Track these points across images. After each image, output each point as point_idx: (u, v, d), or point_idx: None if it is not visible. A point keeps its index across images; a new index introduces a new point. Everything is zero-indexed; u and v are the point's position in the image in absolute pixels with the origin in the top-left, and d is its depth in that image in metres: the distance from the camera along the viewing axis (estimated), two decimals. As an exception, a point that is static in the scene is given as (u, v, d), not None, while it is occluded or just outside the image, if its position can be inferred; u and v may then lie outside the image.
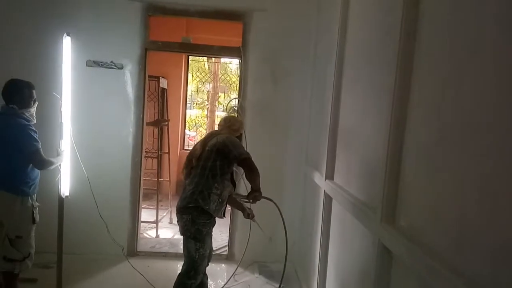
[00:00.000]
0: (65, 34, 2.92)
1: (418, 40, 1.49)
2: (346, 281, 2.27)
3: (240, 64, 3.87)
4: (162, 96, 5.43)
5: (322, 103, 3.13)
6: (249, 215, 2.95)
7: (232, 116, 2.94)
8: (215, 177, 2.54)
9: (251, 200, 2.63)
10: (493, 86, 1.03)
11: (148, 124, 4.51)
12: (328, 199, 2.71)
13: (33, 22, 3.57)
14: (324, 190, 2.76)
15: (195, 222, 2.48)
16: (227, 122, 2.80)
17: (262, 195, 2.66)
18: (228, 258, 4.01)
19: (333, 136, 2.68)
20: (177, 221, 2.61)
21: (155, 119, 5.41)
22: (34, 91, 2.74)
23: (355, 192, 2.14)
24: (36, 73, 3.30)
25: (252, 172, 2.56)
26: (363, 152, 2.09)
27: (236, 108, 3.65)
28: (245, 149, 2.72)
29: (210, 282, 3.56)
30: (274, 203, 2.84)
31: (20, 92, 2.65)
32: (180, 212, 2.54)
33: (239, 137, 2.90)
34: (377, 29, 1.98)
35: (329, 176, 2.71)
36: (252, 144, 3.88)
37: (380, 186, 1.65)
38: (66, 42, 2.92)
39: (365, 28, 2.24)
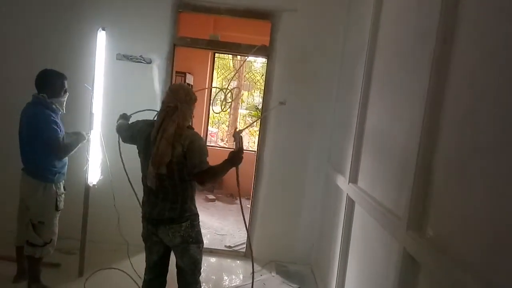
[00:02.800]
0: (100, 28, 2.99)
1: (455, 43, 1.45)
2: (366, 286, 2.24)
3: (267, 62, 3.87)
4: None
5: (348, 105, 3.09)
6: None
7: (185, 85, 2.38)
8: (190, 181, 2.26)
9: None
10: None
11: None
12: (350, 203, 2.67)
13: (70, 14, 3.68)
14: (347, 194, 2.73)
15: (194, 225, 2.28)
16: (187, 98, 2.21)
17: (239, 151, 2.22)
18: (246, 255, 4.02)
19: (358, 139, 2.64)
20: (171, 234, 2.22)
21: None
22: (65, 82, 2.80)
23: (380, 198, 2.11)
24: (69, 65, 3.39)
25: (209, 182, 2.25)
26: (390, 157, 2.05)
27: (283, 102, 3.56)
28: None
29: (225, 277, 3.59)
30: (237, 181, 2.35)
31: (51, 82, 2.72)
32: (176, 221, 2.22)
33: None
34: (412, 31, 1.93)
35: (353, 179, 2.67)
36: (275, 142, 3.88)
37: (408, 193, 1.62)
38: (101, 36, 3.00)
39: (398, 29, 2.19)
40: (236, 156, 2.18)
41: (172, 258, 2.38)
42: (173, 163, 2.14)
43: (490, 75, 1.21)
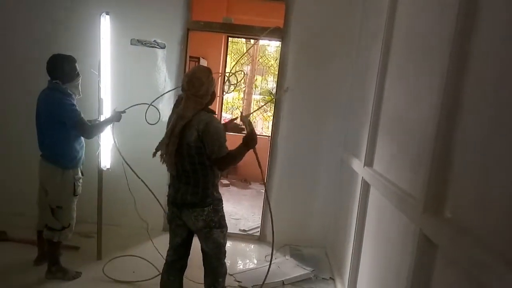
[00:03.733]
0: (103, 13, 2.97)
1: (478, 20, 1.39)
2: (381, 268, 2.24)
3: (281, 46, 3.82)
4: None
5: (364, 88, 3.04)
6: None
7: (194, 71, 2.21)
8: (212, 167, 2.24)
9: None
10: None
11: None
12: (365, 186, 2.65)
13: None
14: (362, 177, 2.70)
15: (217, 210, 2.28)
16: (189, 86, 2.16)
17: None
18: (260, 239, 4.06)
19: (375, 122, 2.60)
20: (188, 218, 2.26)
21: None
22: (76, 65, 2.79)
23: (396, 180, 2.08)
24: (81, 50, 3.39)
25: (229, 166, 2.28)
26: (407, 139, 2.02)
27: (286, 89, 3.53)
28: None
29: (239, 261, 3.64)
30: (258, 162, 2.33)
31: (60, 67, 2.71)
32: (198, 206, 2.23)
33: (213, 98, 2.25)
34: (431, 10, 1.87)
35: (368, 163, 2.64)
36: (290, 127, 3.86)
37: (425, 174, 1.59)
38: (105, 21, 2.97)
39: (417, 8, 2.13)
40: (249, 139, 2.18)
41: (196, 242, 2.39)
42: (192, 148, 2.15)
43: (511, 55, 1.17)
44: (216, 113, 6.65)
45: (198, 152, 2.16)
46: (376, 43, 2.73)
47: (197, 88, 2.15)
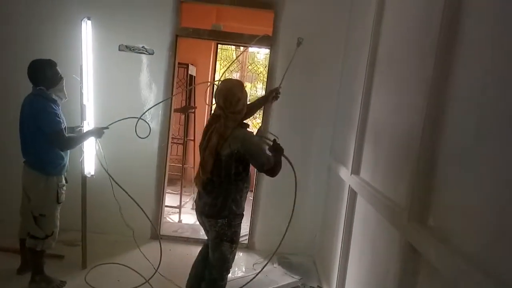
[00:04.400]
0: (85, 19, 2.93)
1: (460, 30, 1.41)
2: (367, 276, 2.23)
3: (270, 53, 3.83)
4: (190, 83, 5.47)
5: (351, 95, 3.05)
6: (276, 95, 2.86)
7: (227, 85, 2.28)
8: (242, 178, 2.34)
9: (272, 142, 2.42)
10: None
11: (175, 110, 4.55)
12: (352, 194, 2.66)
13: (63, 3, 3.65)
14: (349, 185, 2.71)
15: (231, 225, 2.33)
16: (226, 105, 2.21)
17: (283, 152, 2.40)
18: (248, 247, 4.03)
19: (361, 129, 2.61)
20: (205, 226, 2.41)
21: (183, 106, 5.46)
22: (57, 68, 2.73)
23: (382, 189, 2.09)
24: (64, 55, 3.32)
25: (277, 172, 2.36)
26: (393, 148, 2.03)
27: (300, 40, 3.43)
28: (263, 140, 2.46)
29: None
30: (289, 162, 2.51)
31: (42, 72, 2.65)
32: (213, 217, 2.32)
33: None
34: (415, 19, 1.90)
35: (355, 171, 2.65)
36: (278, 133, 3.84)
37: (410, 183, 1.60)
38: (87, 26, 2.93)
39: (402, 18, 2.15)
40: (275, 148, 2.35)
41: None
42: (222, 161, 2.23)
43: (495, 61, 1.18)
44: (205, 121, 6.65)
45: (227, 167, 2.25)
46: (362, 51, 2.75)
47: (234, 106, 2.21)
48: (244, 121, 2.42)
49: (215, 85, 2.92)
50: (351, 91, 3.08)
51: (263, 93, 3.90)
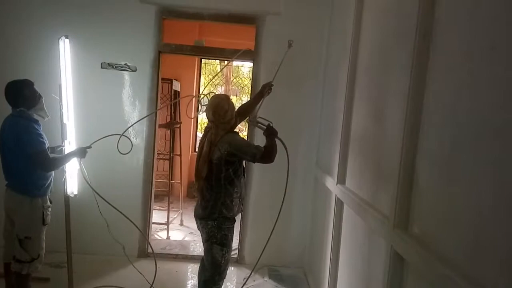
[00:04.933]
0: (63, 37, 2.91)
1: (434, 43, 1.47)
2: (357, 285, 2.25)
3: (253, 67, 3.88)
4: (175, 98, 5.47)
5: (334, 107, 3.11)
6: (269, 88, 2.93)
7: (215, 101, 2.48)
8: (232, 183, 2.49)
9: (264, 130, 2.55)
10: (510, 93, 1.01)
11: (160, 126, 4.54)
12: (339, 204, 2.68)
13: (41, 22, 3.64)
14: (336, 195, 2.74)
15: (221, 228, 2.47)
16: (215, 117, 2.44)
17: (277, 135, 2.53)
18: (238, 261, 4.00)
19: (345, 140, 2.66)
20: (199, 228, 2.59)
21: (168, 121, 5.45)
22: (34, 87, 2.68)
23: (367, 198, 2.12)
24: (42, 74, 3.27)
25: (273, 155, 2.48)
26: (375, 158, 2.07)
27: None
28: (249, 139, 2.70)
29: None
30: (283, 144, 2.59)
31: (20, 94, 2.60)
32: (204, 219, 2.51)
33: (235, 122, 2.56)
34: (392, 33, 1.96)
35: (341, 180, 2.68)
36: (263, 145, 3.87)
37: (393, 192, 1.63)
38: (64, 45, 2.90)
39: (379, 31, 2.22)
40: (270, 132, 2.49)
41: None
42: (213, 164, 2.43)
43: (468, 72, 1.23)
44: (191, 134, 6.64)
45: (217, 170, 2.43)
46: (342, 64, 2.82)
47: (223, 116, 2.43)
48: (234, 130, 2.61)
49: (200, 99, 2.94)
50: (334, 103, 3.13)
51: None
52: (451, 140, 1.29)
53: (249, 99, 2.60)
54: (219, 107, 2.43)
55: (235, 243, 4.27)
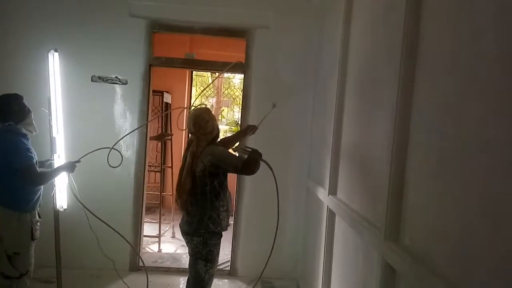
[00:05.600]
0: (52, 50, 2.90)
1: (420, 58, 1.51)
2: (350, 298, 2.25)
3: (244, 79, 3.90)
4: (166, 110, 5.47)
5: (324, 118, 3.14)
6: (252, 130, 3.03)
7: (196, 112, 2.53)
8: (218, 196, 2.47)
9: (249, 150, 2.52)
10: (495, 106, 1.03)
11: (151, 138, 4.53)
12: (331, 215, 2.69)
13: (28, 36, 3.63)
14: (327, 206, 2.75)
15: (207, 243, 2.45)
16: (196, 128, 2.45)
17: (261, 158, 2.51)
18: (231, 273, 3.98)
19: (336, 151, 2.68)
20: (186, 243, 2.57)
21: (159, 133, 5.44)
22: (24, 102, 2.68)
23: (359, 209, 2.14)
24: (32, 88, 3.27)
25: (255, 166, 2.40)
26: (366, 169, 2.09)
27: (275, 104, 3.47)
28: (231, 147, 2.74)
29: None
30: (268, 165, 2.60)
31: (9, 108, 2.59)
32: (190, 234, 2.49)
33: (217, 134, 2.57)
34: (380, 46, 2.00)
35: (332, 191, 2.70)
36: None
37: (384, 203, 1.65)
38: (54, 58, 2.89)
39: (367, 44, 2.26)
40: (255, 154, 2.45)
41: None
42: (197, 178, 2.41)
43: (454, 87, 1.26)
44: (183, 145, 6.62)
45: (201, 183, 2.41)
46: (332, 76, 2.85)
47: (204, 127, 2.44)
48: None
49: (191, 110, 2.98)
50: (324, 115, 3.17)
51: (240, 115, 3.94)
52: (438, 153, 1.31)
53: (232, 133, 2.65)
54: (200, 118, 2.45)
55: (227, 256, 4.26)
